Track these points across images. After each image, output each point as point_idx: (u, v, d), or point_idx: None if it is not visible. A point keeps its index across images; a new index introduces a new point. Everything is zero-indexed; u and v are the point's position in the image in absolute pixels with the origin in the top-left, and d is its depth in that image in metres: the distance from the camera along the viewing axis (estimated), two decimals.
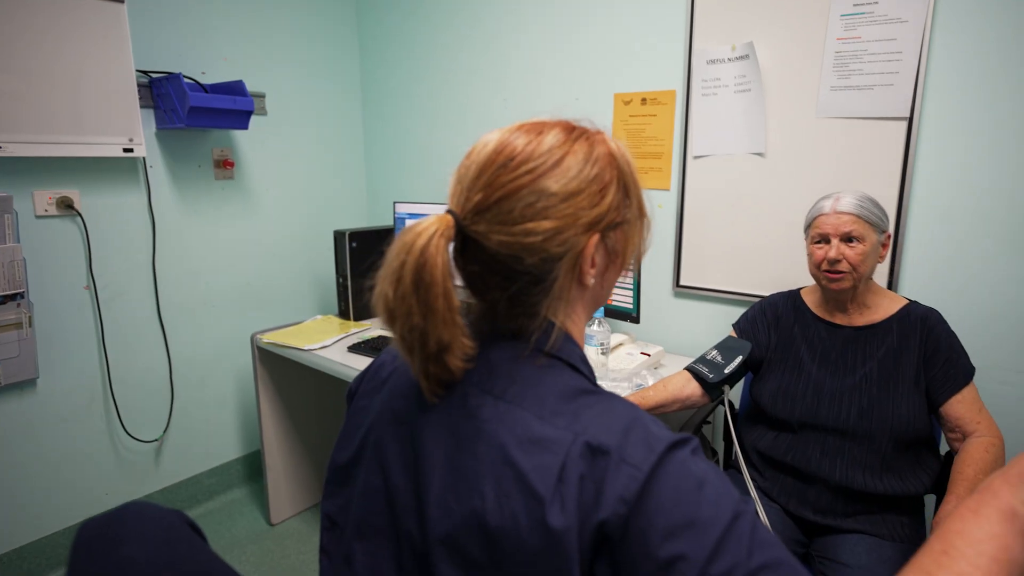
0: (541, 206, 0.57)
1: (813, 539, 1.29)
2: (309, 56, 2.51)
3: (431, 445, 0.59)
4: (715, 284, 1.87)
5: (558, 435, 0.54)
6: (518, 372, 0.59)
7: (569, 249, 0.58)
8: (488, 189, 0.58)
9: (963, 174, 1.45)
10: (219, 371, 2.36)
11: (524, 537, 0.51)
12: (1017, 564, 0.46)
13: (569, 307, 0.64)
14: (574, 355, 0.63)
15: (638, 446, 0.52)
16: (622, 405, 0.57)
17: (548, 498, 0.51)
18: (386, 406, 0.66)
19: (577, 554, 0.50)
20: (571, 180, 0.58)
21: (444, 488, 0.57)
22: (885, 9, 1.49)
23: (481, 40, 2.29)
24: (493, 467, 0.54)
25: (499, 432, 0.55)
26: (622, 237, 0.64)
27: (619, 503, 0.50)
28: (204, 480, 2.37)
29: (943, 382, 1.24)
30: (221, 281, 2.33)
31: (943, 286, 1.51)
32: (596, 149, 0.61)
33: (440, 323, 0.55)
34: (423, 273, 0.54)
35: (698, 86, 1.81)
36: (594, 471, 0.51)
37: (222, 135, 2.26)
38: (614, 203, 0.61)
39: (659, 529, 0.48)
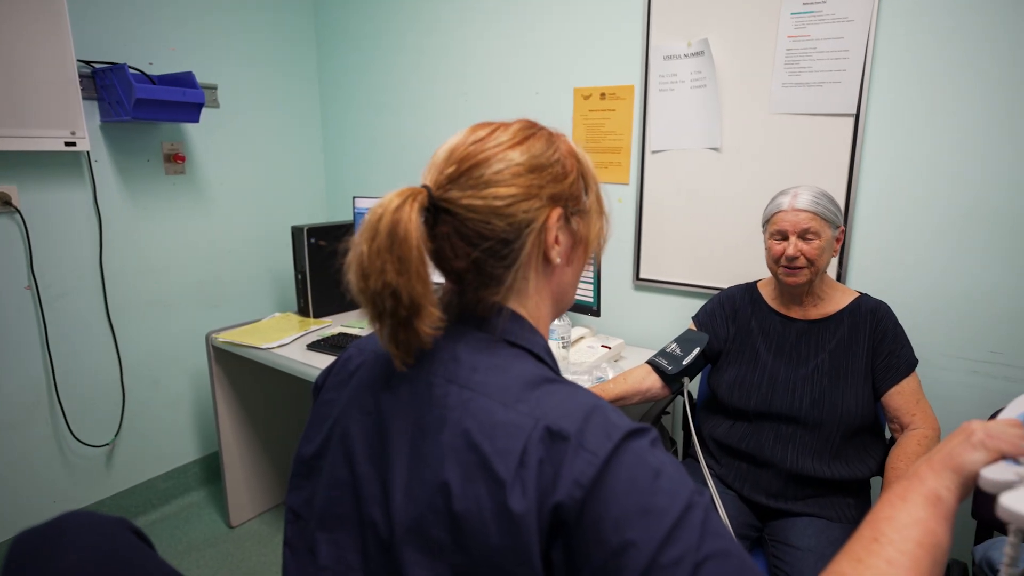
0: (509, 173, 0.61)
1: (766, 523, 1.34)
2: (263, 47, 2.44)
3: (397, 434, 0.60)
4: (674, 277, 1.91)
5: (520, 420, 0.55)
6: (483, 362, 0.61)
7: (534, 218, 0.62)
8: (460, 161, 0.62)
9: (906, 168, 1.51)
10: (173, 372, 2.29)
11: (487, 521, 0.52)
12: (941, 547, 0.49)
13: (536, 295, 0.66)
14: (538, 345, 0.65)
15: (597, 433, 0.53)
16: (584, 394, 0.58)
17: (509, 481, 0.52)
18: (353, 398, 0.67)
19: (536, 537, 0.51)
20: (536, 156, 0.62)
21: (409, 475, 0.58)
22: (832, 8, 1.54)
23: (441, 33, 2.27)
24: (457, 453, 0.55)
25: (463, 419, 0.57)
26: (584, 226, 0.68)
27: (575, 487, 0.51)
28: (159, 484, 2.30)
29: (885, 372, 1.29)
30: (174, 279, 2.26)
31: (887, 277, 1.57)
32: (558, 141, 0.66)
33: (414, 277, 0.56)
34: (397, 229, 0.56)
35: (655, 81, 1.83)
36: (553, 455, 0.52)
37: (172, 128, 2.18)
38: (575, 189, 0.66)
39: (613, 516, 0.49)
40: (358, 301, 0.59)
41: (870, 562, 0.48)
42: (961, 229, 1.46)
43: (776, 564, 1.23)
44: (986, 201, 1.42)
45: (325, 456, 0.67)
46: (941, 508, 0.51)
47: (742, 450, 1.35)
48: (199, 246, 2.32)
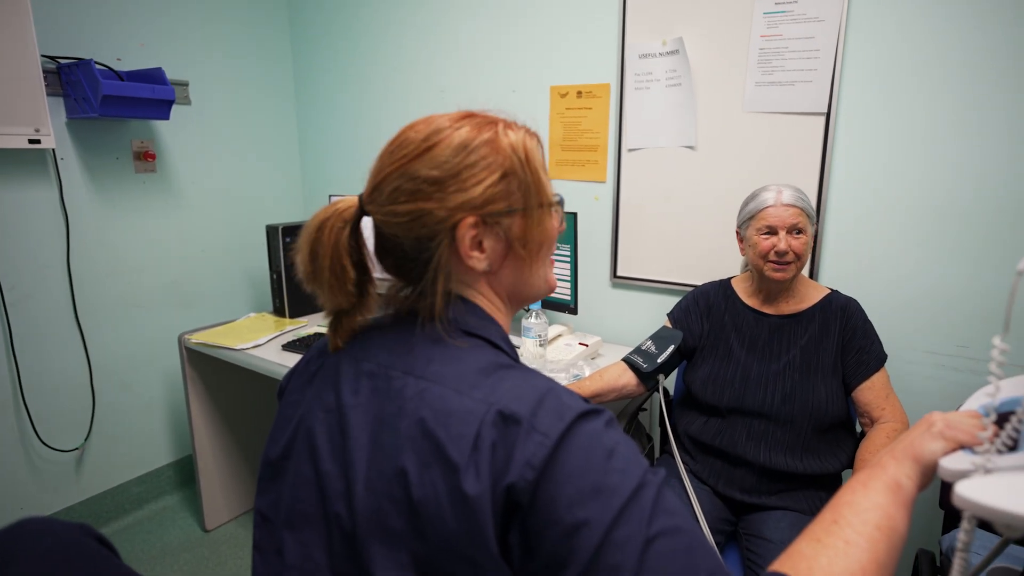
0: (407, 189, 0.62)
1: (740, 517, 1.35)
2: (236, 43, 2.40)
3: (357, 430, 0.61)
4: (651, 274, 1.92)
5: (473, 406, 0.55)
6: (439, 352, 0.62)
7: (440, 231, 0.62)
8: (375, 175, 0.65)
9: (875, 167, 1.54)
10: (145, 374, 2.25)
11: (444, 506, 0.53)
12: (898, 532, 0.51)
13: (471, 289, 0.66)
14: (494, 334, 0.66)
15: (549, 415, 0.54)
16: (538, 378, 0.59)
17: (463, 466, 0.53)
18: (315, 398, 0.67)
19: (491, 519, 0.52)
20: (438, 166, 0.61)
21: (369, 468, 0.58)
22: (804, 8, 1.56)
23: (419, 30, 2.25)
24: (413, 441, 0.56)
25: (420, 408, 0.57)
26: (518, 226, 0.65)
27: (526, 468, 0.51)
28: (132, 488, 2.25)
29: (855, 368, 1.31)
30: (145, 280, 2.21)
31: (858, 274, 1.60)
32: (481, 137, 0.63)
33: (328, 291, 0.64)
34: (316, 248, 0.64)
35: (631, 80, 1.84)
36: (506, 438, 0.53)
37: (141, 125, 2.13)
38: (495, 192, 0.62)
39: (566, 496, 0.50)
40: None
41: (828, 542, 0.50)
42: (929, 226, 1.49)
43: (750, 557, 1.24)
44: (954, 199, 1.45)
45: (291, 457, 0.67)
46: (901, 495, 0.52)
47: (716, 446, 1.36)
48: (171, 246, 2.27)
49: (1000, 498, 0.45)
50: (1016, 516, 0.43)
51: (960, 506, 0.47)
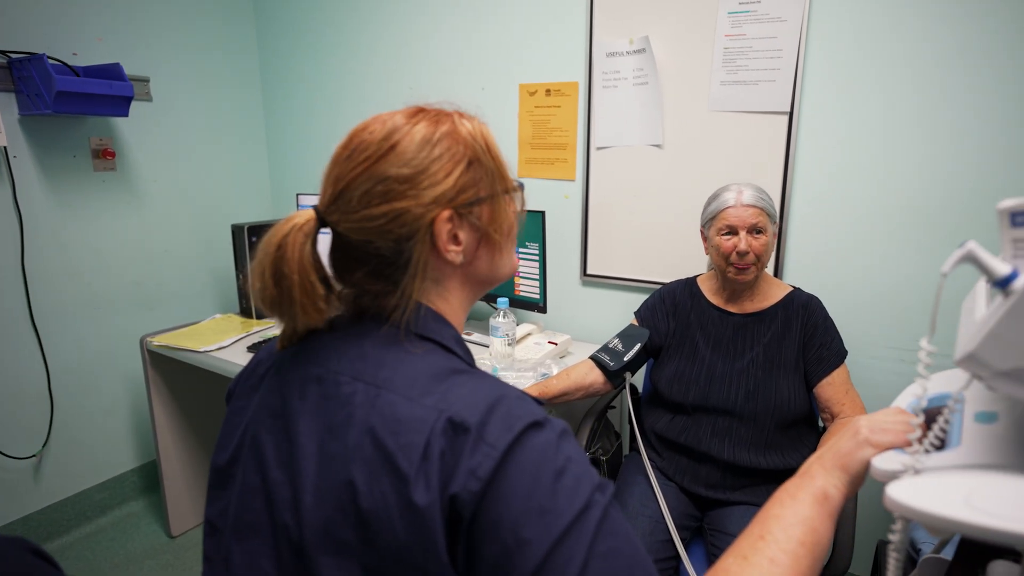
0: (378, 191, 0.60)
1: (706, 513, 1.36)
2: (200, 38, 2.35)
3: (305, 437, 0.59)
4: (621, 272, 1.92)
5: (424, 414, 0.54)
6: (390, 357, 0.60)
7: (418, 228, 0.60)
8: (336, 182, 0.62)
9: (837, 166, 1.56)
10: (106, 378, 2.19)
11: (394, 517, 0.52)
12: (821, 544, 0.52)
13: (439, 287, 0.65)
14: (447, 336, 0.64)
15: (498, 424, 0.53)
16: (490, 385, 0.58)
17: (412, 476, 0.52)
18: (263, 404, 0.65)
19: (442, 529, 0.51)
20: (406, 163, 0.60)
21: (318, 477, 0.57)
22: (767, 8, 1.57)
23: (387, 27, 2.22)
24: (363, 451, 0.55)
25: (369, 417, 0.56)
26: (487, 213, 0.65)
27: (471, 479, 0.50)
28: (94, 495, 2.20)
29: (816, 365, 1.33)
30: (105, 281, 2.15)
31: (821, 271, 1.62)
32: (440, 129, 0.62)
33: (300, 311, 0.61)
34: (281, 266, 0.59)
35: (599, 78, 1.84)
36: (455, 447, 0.52)
37: (100, 122, 2.08)
38: (464, 181, 0.62)
39: (510, 513, 0.49)
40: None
41: (754, 560, 0.51)
42: (891, 224, 1.52)
43: (713, 552, 1.25)
44: (914, 196, 1.48)
45: (238, 464, 0.65)
46: (828, 506, 0.53)
47: (681, 443, 1.37)
48: (133, 246, 2.22)
49: (927, 500, 0.45)
50: (941, 519, 0.43)
51: (890, 508, 0.48)
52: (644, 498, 1.32)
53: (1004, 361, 0.46)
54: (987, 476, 0.48)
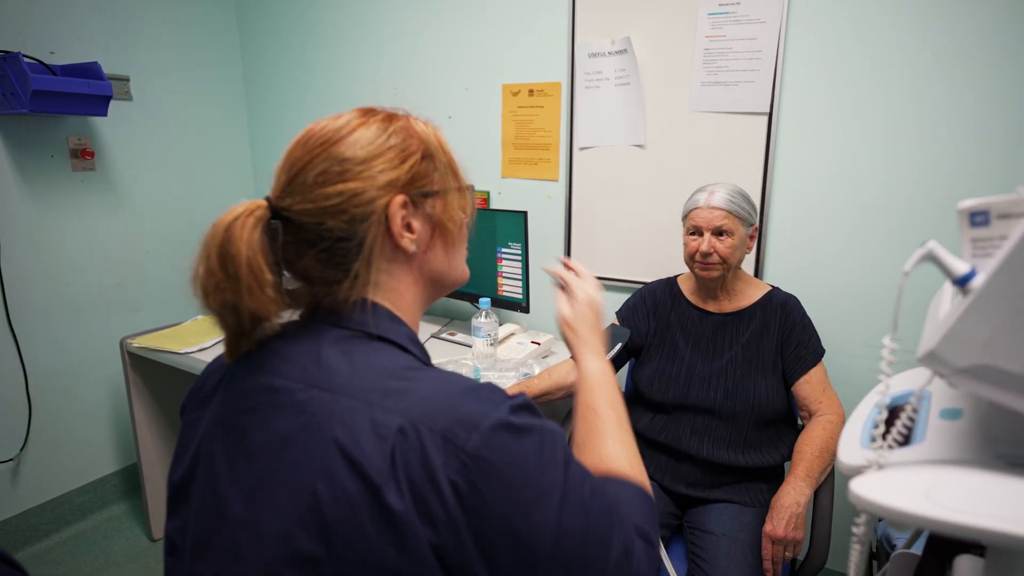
0: (335, 171, 0.60)
1: (686, 511, 1.37)
2: (181, 36, 2.32)
3: (261, 448, 0.57)
4: (605, 272, 1.93)
5: (386, 419, 0.54)
6: (345, 361, 0.59)
7: (373, 211, 0.61)
8: (290, 168, 0.62)
9: (816, 166, 1.58)
10: (86, 380, 2.16)
11: (365, 524, 0.51)
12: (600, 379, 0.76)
13: (393, 280, 0.65)
14: (401, 335, 0.63)
15: (463, 421, 0.53)
16: (448, 382, 0.58)
17: (383, 483, 0.51)
18: (215, 417, 0.63)
19: (422, 531, 0.51)
20: (363, 147, 0.61)
21: (276, 490, 0.55)
22: (746, 9, 1.58)
23: (372, 26, 2.22)
24: (325, 460, 0.53)
25: (329, 424, 0.55)
26: (441, 206, 0.66)
27: (447, 478, 0.51)
28: (74, 499, 2.17)
29: (794, 363, 1.34)
30: (85, 282, 2.13)
31: (800, 271, 1.63)
32: (395, 125, 0.64)
33: (247, 295, 0.58)
34: (228, 247, 0.57)
35: (581, 79, 1.84)
36: (422, 449, 0.52)
37: (78, 122, 2.05)
38: (419, 170, 0.64)
39: (499, 506, 0.51)
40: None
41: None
42: (868, 224, 1.54)
43: (693, 550, 1.26)
44: (892, 196, 1.50)
45: (194, 480, 0.63)
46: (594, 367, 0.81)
47: (661, 442, 1.37)
48: (113, 247, 2.19)
49: (888, 495, 0.46)
50: (901, 513, 0.44)
51: (853, 502, 0.48)
52: None
53: (963, 358, 0.47)
54: (948, 471, 0.49)
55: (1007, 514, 0.42)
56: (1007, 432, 0.51)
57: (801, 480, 1.19)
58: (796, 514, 1.15)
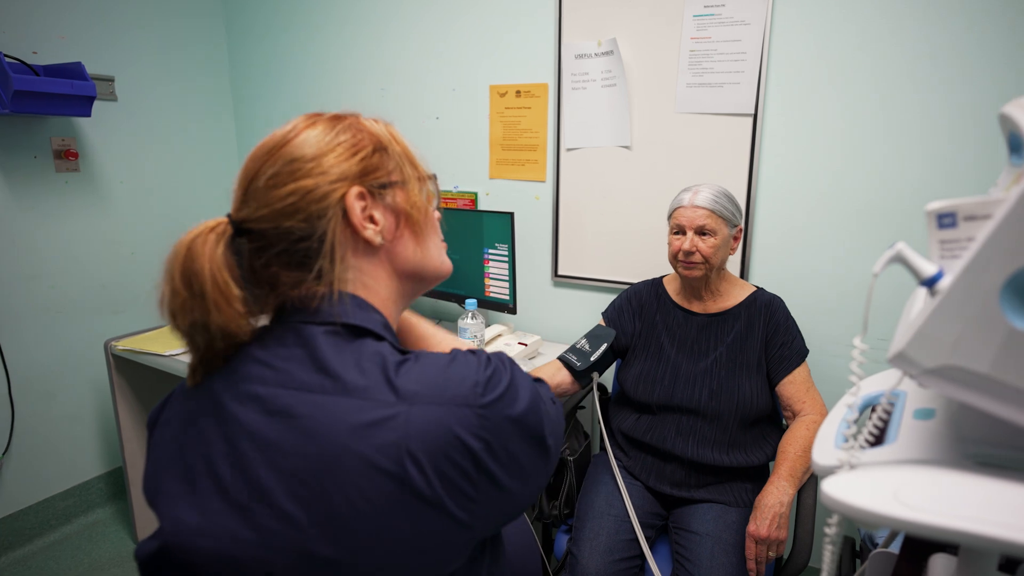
0: (286, 171, 0.61)
1: (671, 511, 1.37)
2: (167, 37, 2.31)
3: (254, 462, 0.56)
4: (592, 273, 1.93)
5: (389, 411, 0.54)
6: (328, 359, 0.58)
7: (329, 205, 0.61)
8: (243, 180, 0.63)
9: (800, 167, 1.59)
10: (71, 383, 2.14)
11: (389, 518, 0.52)
12: None
13: (363, 275, 0.64)
14: (375, 323, 0.63)
15: (461, 387, 0.56)
16: (433, 360, 0.59)
17: (403, 473, 0.52)
18: (193, 428, 0.61)
19: (457, 500, 0.53)
20: (312, 145, 0.62)
21: (280, 499, 0.54)
22: (731, 11, 1.59)
23: (358, 28, 2.21)
24: (333, 461, 0.53)
25: (328, 426, 0.54)
26: (403, 196, 0.66)
27: (462, 455, 0.54)
28: (58, 503, 2.15)
29: (778, 363, 1.35)
30: (69, 284, 2.11)
31: (785, 271, 1.64)
32: (343, 123, 0.65)
33: (215, 311, 0.57)
34: (191, 264, 0.57)
35: (568, 80, 1.84)
36: (439, 425, 0.54)
37: (62, 122, 2.03)
38: (371, 162, 0.64)
39: (506, 469, 0.56)
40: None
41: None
42: (853, 225, 1.55)
43: (677, 550, 1.26)
44: (875, 197, 1.51)
45: (193, 493, 0.60)
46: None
47: (646, 442, 1.38)
48: (98, 248, 2.17)
49: (857, 495, 0.46)
50: (869, 514, 0.44)
51: (824, 503, 0.49)
52: (610, 497, 1.33)
53: (931, 359, 0.47)
54: (918, 471, 0.49)
55: (972, 514, 0.42)
56: (976, 432, 0.51)
57: (784, 480, 1.19)
58: (779, 514, 1.15)
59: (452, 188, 2.10)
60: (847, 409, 0.56)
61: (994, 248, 0.44)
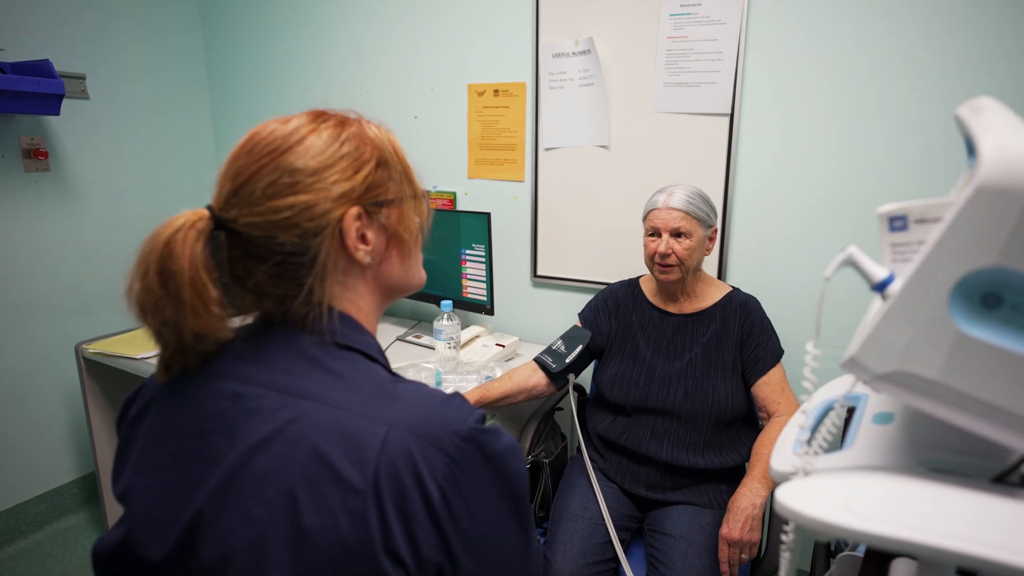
0: (285, 182, 0.57)
1: (646, 514, 1.37)
2: (141, 33, 2.27)
3: (223, 458, 0.55)
4: (571, 273, 1.92)
5: (371, 428, 0.53)
6: (317, 369, 0.58)
7: (326, 224, 0.58)
8: (235, 177, 0.59)
9: (776, 167, 1.58)
10: (41, 387, 2.10)
11: (343, 533, 0.51)
12: None
13: (349, 291, 0.63)
14: (370, 346, 0.63)
15: (446, 429, 0.54)
16: (426, 391, 0.58)
17: (368, 490, 0.51)
18: (165, 424, 0.61)
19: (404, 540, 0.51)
20: (315, 156, 0.59)
21: (244, 497, 0.53)
22: (707, 11, 1.58)
23: (335, 26, 2.18)
24: (304, 468, 0.52)
25: (307, 432, 0.54)
26: (396, 216, 0.64)
27: (428, 486, 0.52)
28: (29, 509, 2.11)
29: (753, 364, 1.34)
30: (39, 286, 2.06)
31: (763, 271, 1.64)
32: (347, 131, 0.62)
33: (191, 315, 0.55)
34: (168, 263, 0.54)
35: (546, 79, 1.83)
36: (408, 457, 0.52)
37: (30, 121, 1.99)
38: (373, 179, 0.62)
39: (484, 510, 0.55)
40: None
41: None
42: (829, 225, 1.55)
43: (651, 552, 1.26)
44: (851, 198, 1.51)
45: (132, 490, 0.61)
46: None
47: (622, 444, 1.37)
48: (70, 249, 2.13)
49: (808, 504, 0.45)
50: (819, 522, 0.44)
51: (778, 511, 0.48)
52: (585, 500, 1.32)
53: (882, 365, 0.46)
54: (872, 478, 0.49)
55: (921, 524, 0.41)
56: (931, 437, 0.51)
57: (757, 482, 1.19)
58: (752, 516, 1.15)
59: (431, 188, 2.08)
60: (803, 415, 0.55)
61: (943, 252, 0.43)
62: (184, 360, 0.60)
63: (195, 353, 0.59)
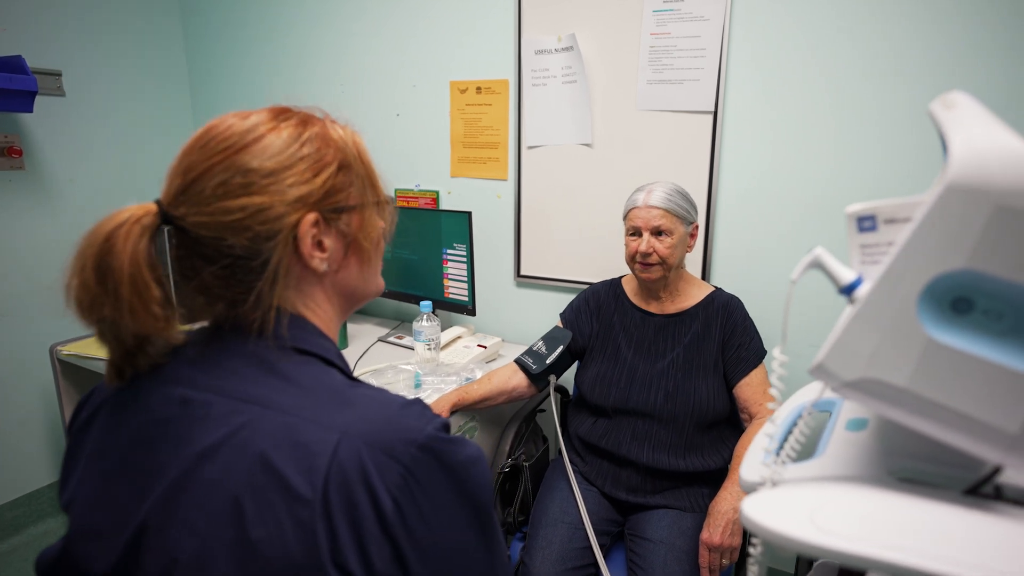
0: (237, 183, 0.55)
1: (627, 517, 1.35)
2: (119, 28, 2.22)
3: (168, 467, 0.53)
4: (555, 273, 1.90)
5: (322, 435, 0.51)
6: (268, 374, 0.55)
7: (280, 229, 0.55)
8: (185, 173, 0.56)
9: (760, 165, 1.57)
10: (16, 389, 2.06)
11: (290, 544, 0.49)
12: None
13: (303, 295, 0.60)
14: (328, 351, 0.60)
15: (402, 438, 0.52)
16: (384, 398, 0.56)
17: (317, 500, 0.49)
18: (112, 431, 0.59)
19: (351, 545, 0.49)
20: (272, 157, 0.56)
21: (188, 507, 0.51)
22: (690, 7, 1.56)
23: (317, 23, 2.15)
24: (251, 476, 0.50)
25: (256, 439, 0.51)
26: (357, 222, 0.61)
27: (381, 497, 0.49)
28: (5, 513, 2.06)
29: (735, 365, 1.32)
30: (13, 287, 2.02)
31: (747, 271, 1.63)
32: (310, 131, 0.59)
33: (129, 314, 0.52)
34: (108, 260, 0.51)
35: (528, 76, 1.81)
36: (359, 467, 0.50)
37: (4, 119, 1.94)
38: (334, 184, 0.58)
39: (434, 522, 0.51)
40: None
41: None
42: (813, 224, 1.53)
43: (631, 557, 1.24)
44: (834, 196, 1.50)
45: (76, 501, 0.58)
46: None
47: (602, 447, 1.35)
48: (45, 249, 2.09)
49: (772, 517, 0.43)
50: (782, 537, 0.41)
51: (744, 524, 0.46)
52: (565, 504, 1.30)
53: (849, 371, 0.44)
54: (839, 490, 0.47)
55: (886, 540, 0.39)
56: (903, 445, 0.49)
57: (738, 486, 1.17)
58: (733, 520, 1.13)
59: (414, 187, 2.06)
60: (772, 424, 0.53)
61: (912, 253, 0.41)
62: (134, 364, 0.57)
63: (144, 357, 0.57)
